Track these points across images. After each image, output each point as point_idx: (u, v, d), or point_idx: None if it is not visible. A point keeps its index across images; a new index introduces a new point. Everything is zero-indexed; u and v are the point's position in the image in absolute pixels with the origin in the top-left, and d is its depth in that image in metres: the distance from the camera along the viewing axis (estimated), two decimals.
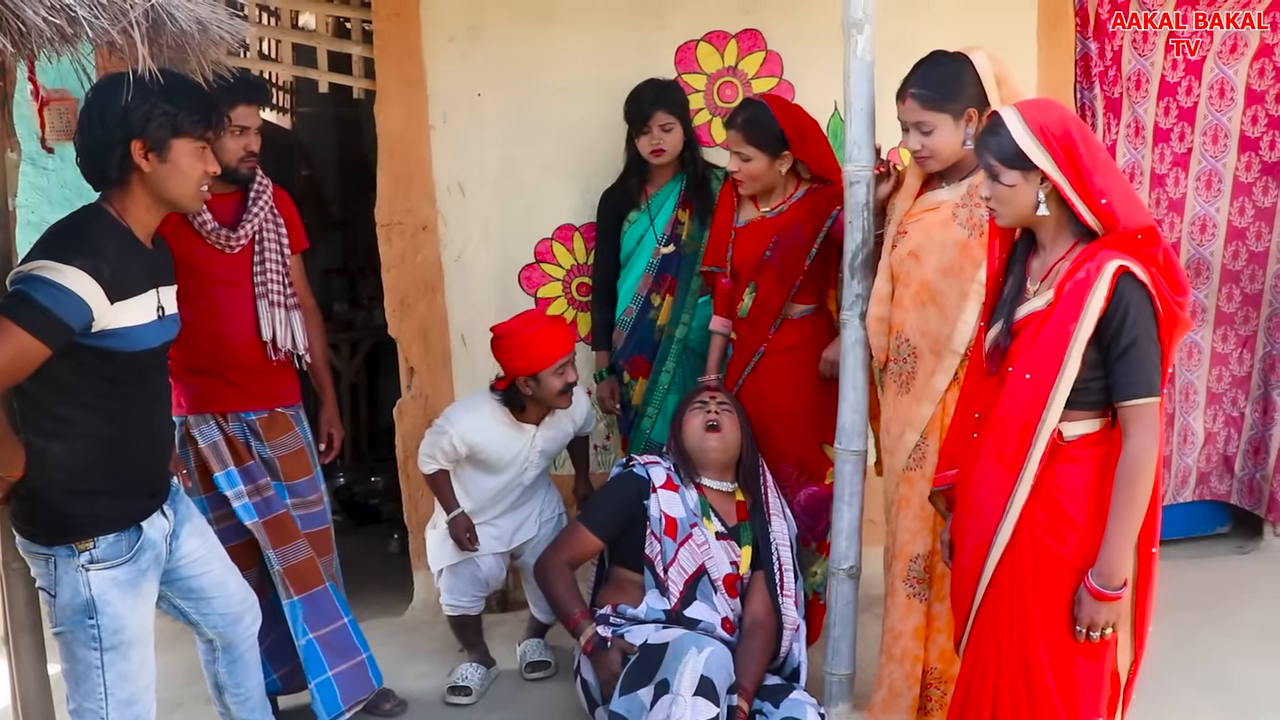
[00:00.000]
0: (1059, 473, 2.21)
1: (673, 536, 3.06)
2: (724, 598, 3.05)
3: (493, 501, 3.39)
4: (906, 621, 2.84)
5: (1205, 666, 3.42)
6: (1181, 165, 4.19)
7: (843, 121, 2.86)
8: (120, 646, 2.33)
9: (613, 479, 3.24)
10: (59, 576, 2.31)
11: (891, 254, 2.82)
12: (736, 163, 3.22)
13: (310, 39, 4.10)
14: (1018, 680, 2.27)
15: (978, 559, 2.30)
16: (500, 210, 3.99)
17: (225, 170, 2.97)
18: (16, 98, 2.70)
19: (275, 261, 3.10)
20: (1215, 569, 4.20)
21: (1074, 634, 2.21)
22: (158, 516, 2.45)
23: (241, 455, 3.06)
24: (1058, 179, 2.16)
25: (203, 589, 2.59)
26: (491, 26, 3.89)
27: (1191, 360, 4.36)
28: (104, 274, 2.21)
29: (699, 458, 3.17)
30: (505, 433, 3.30)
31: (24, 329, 2.13)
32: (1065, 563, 2.20)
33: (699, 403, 3.22)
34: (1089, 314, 2.12)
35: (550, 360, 3.21)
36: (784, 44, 3.95)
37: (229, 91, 2.88)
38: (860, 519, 2.93)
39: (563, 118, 3.90)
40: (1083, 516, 2.20)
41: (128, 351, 2.30)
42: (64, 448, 2.29)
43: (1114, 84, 4.05)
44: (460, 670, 3.45)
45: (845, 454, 2.92)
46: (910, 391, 2.82)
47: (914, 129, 2.71)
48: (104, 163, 2.29)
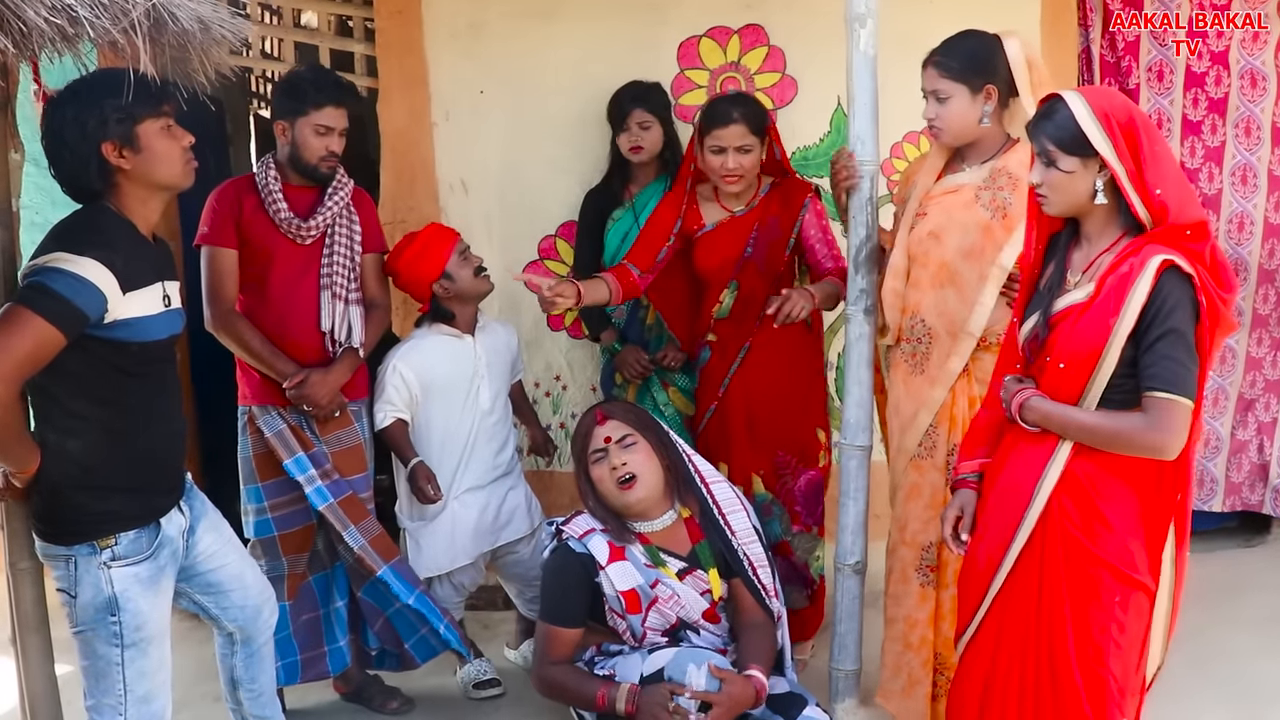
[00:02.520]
0: (1093, 472, 2.17)
1: (636, 611, 2.82)
2: (708, 632, 2.88)
3: (461, 448, 3.32)
4: (921, 609, 2.84)
5: (1213, 662, 3.40)
6: (1215, 160, 4.05)
7: (846, 116, 2.85)
8: (140, 643, 2.35)
9: (553, 564, 2.89)
10: (79, 576, 2.32)
11: (910, 234, 2.81)
12: (737, 159, 3.20)
13: (312, 37, 4.10)
14: (1044, 678, 2.23)
15: (1001, 543, 2.25)
16: (503, 208, 3.99)
17: (306, 168, 3.05)
18: (20, 98, 2.70)
19: (344, 256, 3.13)
20: (1222, 563, 4.17)
21: None
22: (175, 513, 2.47)
23: (306, 442, 3.09)
24: (1116, 168, 2.09)
25: (221, 583, 2.61)
26: (494, 24, 3.88)
27: (1225, 365, 4.21)
28: (116, 264, 2.24)
29: (628, 514, 2.86)
30: (445, 345, 3.32)
31: (43, 317, 2.15)
32: (1098, 561, 2.16)
33: (597, 453, 2.87)
34: (1130, 308, 2.06)
35: (447, 251, 3.25)
36: (787, 39, 3.95)
37: (318, 91, 2.95)
38: (866, 514, 2.92)
39: (565, 115, 3.89)
40: (1117, 516, 2.16)
41: (139, 342, 2.32)
42: (79, 443, 2.31)
43: (1128, 75, 3.97)
44: (470, 668, 3.45)
45: (850, 449, 2.90)
46: (925, 373, 2.81)
47: (931, 97, 2.71)
48: (85, 178, 2.31)
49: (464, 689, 3.43)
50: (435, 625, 3.12)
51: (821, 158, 3.99)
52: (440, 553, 3.33)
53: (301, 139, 3.02)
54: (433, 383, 3.30)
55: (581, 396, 4.07)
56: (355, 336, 3.15)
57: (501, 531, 3.40)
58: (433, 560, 3.33)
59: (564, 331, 4.09)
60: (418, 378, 3.28)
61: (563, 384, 4.11)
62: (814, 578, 3.43)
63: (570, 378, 4.11)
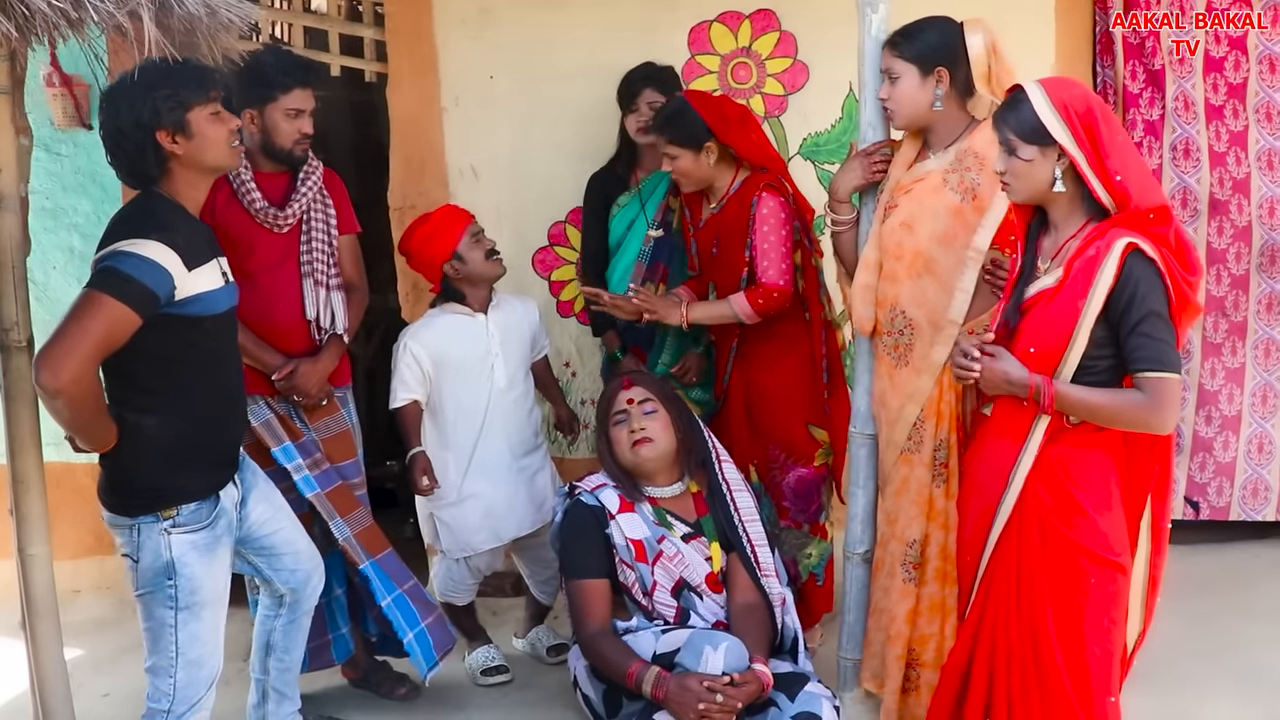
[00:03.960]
0: (1067, 459, 2.25)
1: (644, 560, 2.93)
2: (710, 599, 2.95)
3: (479, 425, 3.31)
4: (901, 605, 2.84)
5: (1225, 653, 3.38)
6: (1240, 144, 3.97)
7: (858, 102, 2.83)
8: (194, 607, 2.47)
9: (567, 518, 3.02)
10: (142, 542, 2.44)
11: (881, 226, 2.80)
12: (668, 163, 3.25)
13: (322, 22, 4.09)
14: (1028, 661, 2.30)
15: (982, 529, 2.35)
16: (513, 194, 3.97)
17: (280, 152, 3.05)
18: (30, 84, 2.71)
19: (321, 241, 3.13)
20: (1235, 553, 4.13)
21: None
22: (230, 486, 2.59)
23: (295, 431, 3.09)
24: (1076, 155, 2.17)
25: (274, 546, 2.74)
26: (503, 9, 3.86)
27: (1269, 359, 4.04)
28: (179, 244, 2.38)
29: (638, 473, 3.00)
30: (457, 323, 3.31)
31: (116, 298, 2.28)
32: (1075, 546, 2.24)
33: (619, 414, 3.02)
34: (1098, 290, 2.15)
35: (459, 232, 3.26)
36: (798, 24, 3.91)
37: (285, 74, 2.96)
38: (875, 503, 2.91)
39: (575, 100, 3.87)
40: (1092, 502, 2.23)
41: (210, 315, 2.47)
42: (157, 420, 2.43)
43: (1153, 55, 3.91)
44: (478, 654, 3.45)
45: (860, 437, 2.90)
46: (909, 364, 2.79)
47: (885, 75, 2.72)
48: (144, 165, 2.43)
49: (471, 675, 3.44)
50: (400, 635, 3.07)
51: (833, 144, 3.96)
52: (473, 533, 3.32)
53: (273, 124, 3.00)
54: (445, 360, 3.29)
55: (591, 384, 4.06)
56: (339, 323, 3.14)
57: (535, 514, 3.39)
58: (466, 541, 3.33)
59: (573, 318, 4.08)
60: (429, 355, 3.28)
61: (572, 370, 4.10)
62: (801, 574, 3.39)
63: (580, 364, 4.10)
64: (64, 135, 3.96)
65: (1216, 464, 4.10)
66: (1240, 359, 4.05)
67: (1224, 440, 4.09)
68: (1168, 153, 3.96)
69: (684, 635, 2.78)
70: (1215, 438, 4.09)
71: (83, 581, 4.12)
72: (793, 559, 3.39)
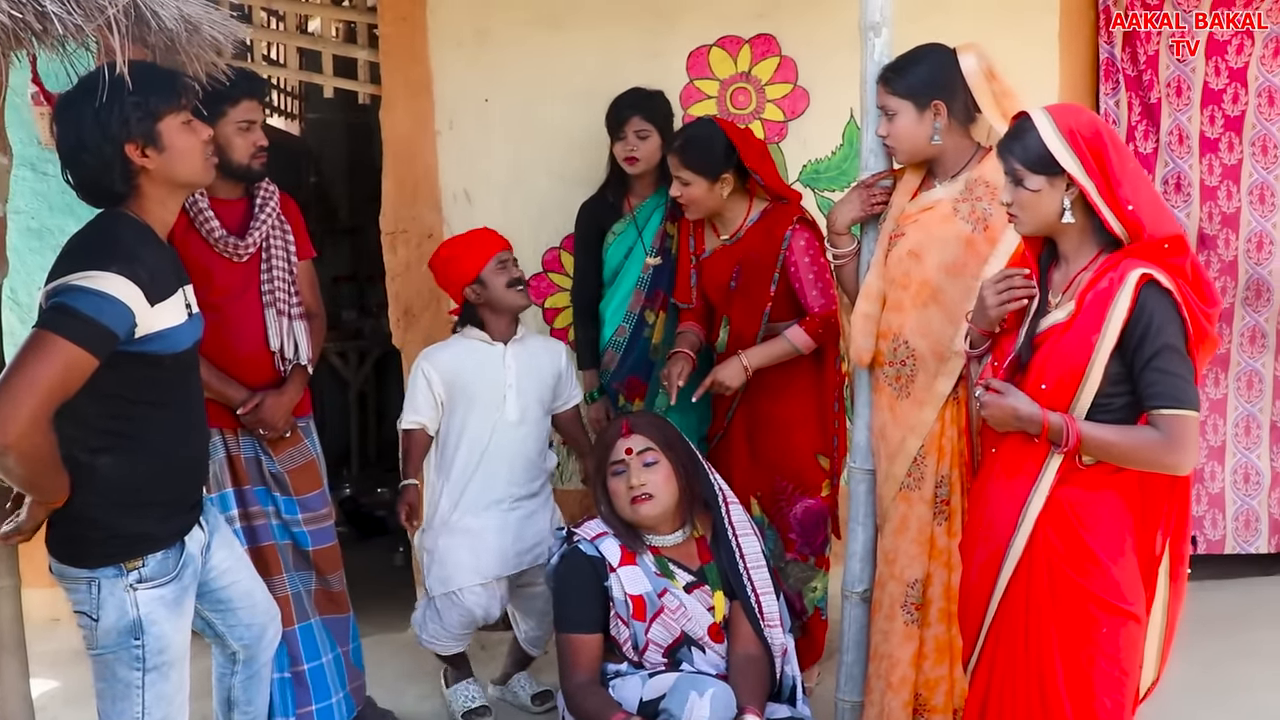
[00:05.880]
0: (1079, 503, 2.16)
1: (641, 618, 2.79)
2: (712, 650, 2.83)
3: (480, 454, 3.22)
4: (904, 649, 2.76)
5: (1232, 695, 3.31)
6: (1232, 178, 3.99)
7: (859, 129, 2.78)
8: (162, 667, 2.28)
9: (564, 564, 2.87)
10: (103, 599, 2.22)
11: (886, 256, 2.74)
12: (678, 187, 3.19)
13: (316, 44, 4.05)
14: (1034, 708, 2.21)
15: (989, 574, 2.26)
16: (507, 218, 3.90)
17: (238, 169, 2.93)
18: (16, 101, 2.63)
19: (282, 269, 3.04)
20: (1239, 592, 4.07)
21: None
22: (196, 529, 2.40)
23: (241, 477, 2.99)
24: (1085, 184, 2.10)
25: (231, 599, 2.53)
26: (499, 31, 3.83)
27: (1252, 390, 4.08)
28: (142, 277, 2.15)
29: (640, 526, 2.86)
30: (476, 350, 3.23)
31: (70, 340, 2.05)
32: (1086, 594, 2.15)
33: (617, 465, 2.85)
34: (1112, 324, 2.07)
35: (485, 257, 3.18)
36: (799, 48, 3.87)
37: (230, 88, 2.81)
38: (875, 540, 2.83)
39: (571, 124, 3.82)
40: (1105, 548, 2.15)
41: (171, 354, 2.25)
42: (115, 461, 2.22)
43: (1149, 89, 3.92)
44: (461, 692, 3.34)
45: (859, 473, 2.83)
46: (910, 396, 2.73)
47: (881, 113, 2.67)
48: (108, 181, 2.20)
49: (452, 715, 3.33)
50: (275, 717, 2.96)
51: (833, 171, 3.92)
52: (459, 566, 3.20)
53: (226, 140, 2.84)
54: (457, 385, 3.21)
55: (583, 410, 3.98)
56: (303, 352, 3.05)
57: (525, 556, 3.26)
58: (453, 574, 3.20)
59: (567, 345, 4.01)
60: (442, 378, 3.20)
61: None
62: (807, 608, 3.32)
63: None
64: (50, 154, 3.85)
65: (1209, 495, 4.14)
66: (1223, 390, 4.11)
67: (1210, 470, 4.14)
68: (1159, 187, 3.96)
69: (671, 680, 2.68)
70: (1204, 466, 4.13)
71: (62, 609, 3.97)
72: (798, 593, 3.31)
